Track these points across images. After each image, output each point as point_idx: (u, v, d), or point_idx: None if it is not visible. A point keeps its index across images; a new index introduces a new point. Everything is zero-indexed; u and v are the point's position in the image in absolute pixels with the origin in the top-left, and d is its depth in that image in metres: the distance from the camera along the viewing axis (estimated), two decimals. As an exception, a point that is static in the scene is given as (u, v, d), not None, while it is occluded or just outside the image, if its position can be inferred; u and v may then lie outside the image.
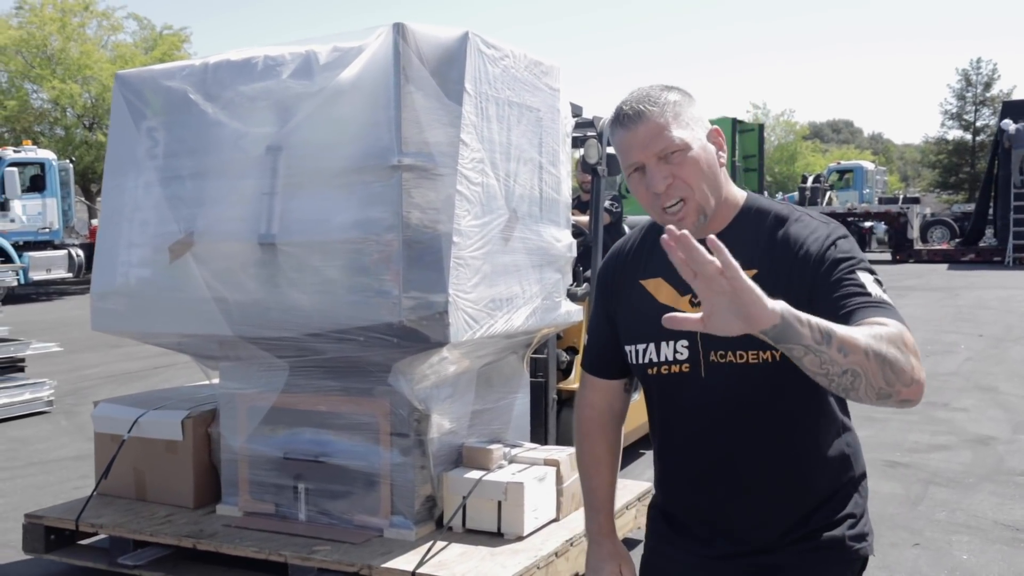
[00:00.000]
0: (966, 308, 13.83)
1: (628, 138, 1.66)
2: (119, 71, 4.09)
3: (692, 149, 1.64)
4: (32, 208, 17.19)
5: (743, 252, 1.62)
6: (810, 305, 1.55)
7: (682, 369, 1.72)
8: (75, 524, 3.90)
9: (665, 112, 1.64)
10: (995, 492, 5.26)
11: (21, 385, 7.57)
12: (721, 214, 1.72)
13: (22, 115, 28.75)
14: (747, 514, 1.74)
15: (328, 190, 3.52)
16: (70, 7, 29.24)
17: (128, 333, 4.10)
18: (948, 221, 26.97)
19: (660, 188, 1.64)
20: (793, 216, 1.70)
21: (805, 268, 1.62)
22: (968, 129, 44.69)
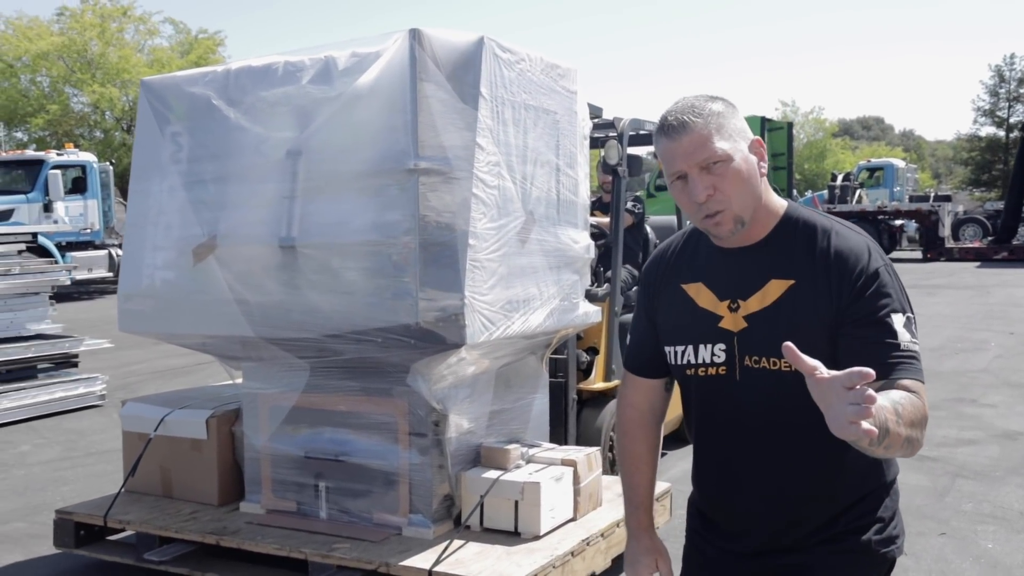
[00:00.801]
0: (997, 306, 13.67)
1: (672, 148, 1.69)
2: (144, 77, 4.15)
3: (734, 160, 1.68)
4: (74, 209, 17.44)
5: (782, 262, 1.73)
6: (838, 323, 1.66)
7: (719, 372, 1.77)
8: (103, 520, 3.96)
9: (709, 123, 1.67)
10: (1021, 485, 5.28)
11: (75, 379, 7.83)
12: (762, 222, 1.75)
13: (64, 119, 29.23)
14: (776, 514, 1.77)
15: (346, 193, 3.55)
16: (109, 13, 29.68)
17: (153, 334, 4.16)
18: (980, 219, 26.55)
19: (701, 198, 1.68)
20: (834, 229, 1.73)
21: (841, 288, 1.66)
22: (1001, 126, 43.93)
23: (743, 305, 1.74)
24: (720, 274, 1.79)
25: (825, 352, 1.62)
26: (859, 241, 1.72)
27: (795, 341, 1.60)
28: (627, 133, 5.39)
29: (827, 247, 1.70)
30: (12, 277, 7.53)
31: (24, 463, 6.18)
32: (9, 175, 17.62)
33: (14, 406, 7.29)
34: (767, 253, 1.75)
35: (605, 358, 5.17)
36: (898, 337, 1.62)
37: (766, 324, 1.71)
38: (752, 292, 1.74)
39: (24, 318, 7.67)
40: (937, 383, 8.09)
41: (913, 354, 1.62)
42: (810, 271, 1.70)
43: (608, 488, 4.18)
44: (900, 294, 1.68)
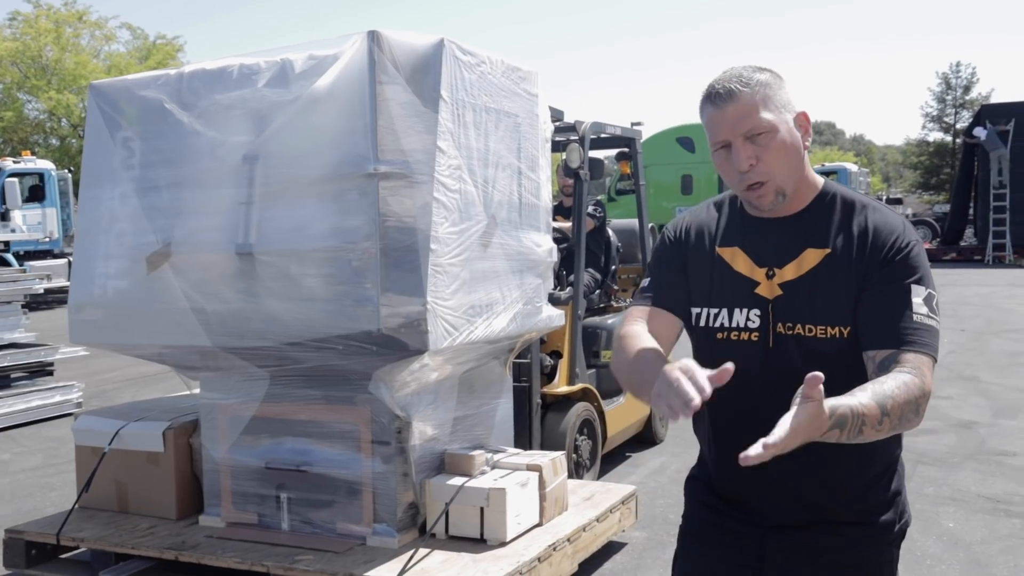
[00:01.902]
0: (948, 304, 13.93)
1: (717, 116, 1.67)
2: (93, 81, 4.01)
3: (779, 132, 1.66)
4: (32, 218, 17.10)
5: (819, 232, 1.73)
6: (859, 291, 1.66)
7: (751, 337, 1.74)
8: (56, 538, 3.80)
9: (756, 93, 1.65)
10: (977, 470, 5.57)
11: (52, 388, 7.74)
12: (801, 194, 1.74)
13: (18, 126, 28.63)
14: (808, 484, 1.74)
15: (305, 199, 3.45)
16: (64, 18, 29.15)
17: (107, 345, 4.01)
18: (930, 221, 26.99)
19: (744, 167, 1.66)
20: (871, 205, 1.74)
21: (872, 258, 1.66)
22: (948, 131, 44.71)
23: (779, 273, 1.73)
24: (757, 241, 1.77)
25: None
26: (896, 218, 1.72)
27: (832, 308, 1.67)
28: (589, 136, 5.34)
29: (864, 221, 1.71)
30: None
31: (7, 471, 6.11)
32: (-36, 184, 17.21)
33: None
34: (804, 224, 1.74)
35: (569, 362, 5.11)
36: (913, 308, 1.62)
37: (801, 292, 1.70)
38: (788, 260, 1.73)
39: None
40: None
41: (926, 327, 1.61)
42: (846, 242, 1.70)
43: (573, 492, 4.12)
44: (926, 271, 1.67)
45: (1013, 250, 21.31)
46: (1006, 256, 21.30)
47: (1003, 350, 9.84)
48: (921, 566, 4.10)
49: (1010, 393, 7.73)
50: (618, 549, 4.27)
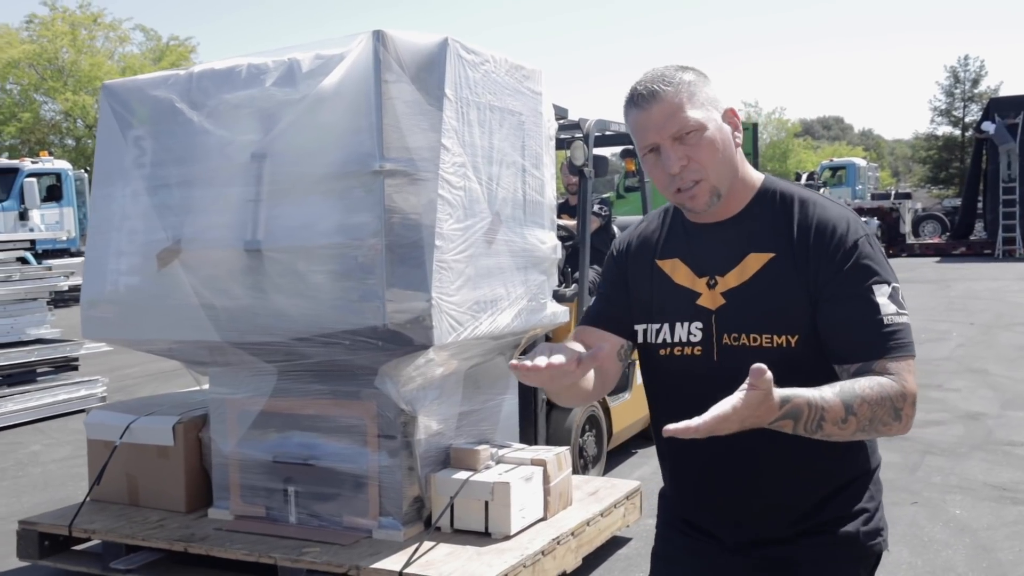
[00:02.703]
0: (958, 299, 13.91)
1: (642, 119, 1.60)
2: (106, 81, 4.04)
3: (708, 129, 1.59)
4: (50, 217, 17.24)
5: (760, 235, 1.64)
6: (817, 299, 1.57)
7: (694, 352, 1.66)
8: (68, 530, 3.84)
9: (680, 92, 1.58)
10: (984, 459, 5.61)
11: (77, 382, 7.87)
12: (738, 195, 1.66)
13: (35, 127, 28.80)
14: (758, 502, 1.67)
15: (312, 196, 3.47)
16: (79, 20, 29.29)
17: (118, 340, 4.05)
18: (939, 215, 26.84)
19: (675, 169, 1.58)
20: (812, 200, 1.64)
21: (821, 261, 1.57)
22: (957, 125, 44.45)
23: (721, 281, 1.64)
24: (697, 250, 1.69)
25: (808, 325, 1.57)
26: (839, 212, 1.62)
27: (777, 316, 1.59)
28: (593, 134, 5.34)
29: (806, 219, 1.61)
30: (12, 283, 7.62)
31: (39, 462, 6.25)
32: (-17, 184, 17.35)
33: (19, 408, 7.32)
34: (745, 226, 1.65)
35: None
36: (881, 311, 1.53)
37: (745, 299, 1.61)
38: (730, 267, 1.64)
39: (24, 323, 7.78)
40: None
41: (898, 327, 1.53)
42: (789, 243, 1.60)
43: (578, 488, 4.14)
44: (883, 265, 1.59)
45: (1022, 244, 21.17)
46: (1016, 250, 21.15)
47: (1012, 343, 9.80)
48: (928, 551, 4.17)
49: (1018, 385, 7.72)
50: (622, 544, 4.28)
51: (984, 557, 4.11)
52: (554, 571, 3.60)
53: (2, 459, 6.33)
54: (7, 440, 6.86)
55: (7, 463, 6.22)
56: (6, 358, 7.45)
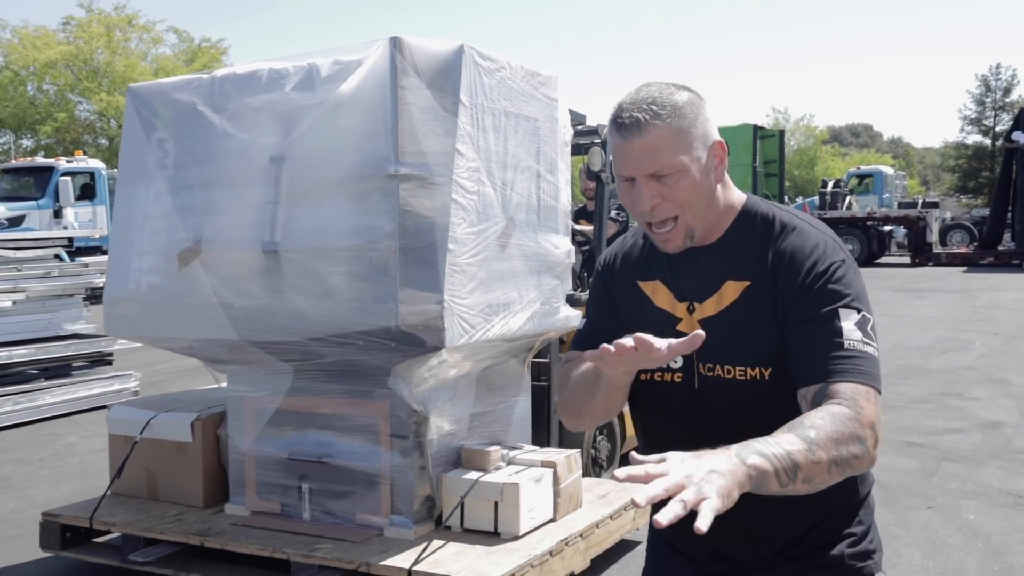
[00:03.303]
0: (983, 308, 13.76)
1: (623, 148, 1.50)
2: (130, 84, 4.12)
3: (689, 172, 1.49)
4: (83, 215, 17.50)
5: (738, 262, 1.57)
6: (784, 323, 1.50)
7: (675, 378, 1.60)
8: (89, 522, 3.92)
9: (668, 127, 1.47)
10: (1001, 467, 5.63)
11: (112, 376, 8.07)
12: (718, 221, 1.58)
13: (70, 127, 29.23)
14: (739, 532, 1.59)
15: (329, 199, 3.52)
16: (114, 22, 29.70)
17: (140, 338, 4.13)
18: (967, 225, 26.54)
19: (646, 208, 1.51)
20: (792, 225, 1.56)
21: (791, 286, 1.50)
22: (987, 134, 43.95)
23: (699, 308, 1.58)
24: (678, 273, 1.62)
25: (780, 357, 1.51)
26: (816, 237, 1.54)
27: (752, 348, 1.52)
28: (611, 140, 5.35)
29: (783, 244, 1.54)
30: (50, 279, 7.80)
31: (76, 452, 6.41)
32: (19, 182, 17.66)
33: (56, 401, 7.49)
34: (725, 252, 1.58)
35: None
36: (843, 335, 1.44)
37: (720, 329, 1.54)
38: (708, 295, 1.58)
39: (60, 318, 7.96)
40: (925, 379, 8.41)
41: (859, 354, 1.43)
42: (764, 270, 1.54)
43: (588, 490, 4.15)
44: (857, 292, 1.50)
45: (1051, 255, 20.91)
46: (1043, 261, 20.90)
47: (1035, 354, 9.72)
48: (940, 554, 4.22)
49: None
50: (632, 547, 4.29)
51: (996, 561, 4.15)
52: (562, 572, 3.62)
53: (41, 449, 6.52)
54: (45, 431, 7.06)
55: (46, 453, 6.42)
56: (44, 352, 7.65)
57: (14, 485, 5.67)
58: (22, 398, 7.28)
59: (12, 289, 7.47)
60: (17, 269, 7.64)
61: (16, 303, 7.46)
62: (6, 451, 6.49)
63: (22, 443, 6.71)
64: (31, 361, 7.57)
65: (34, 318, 7.68)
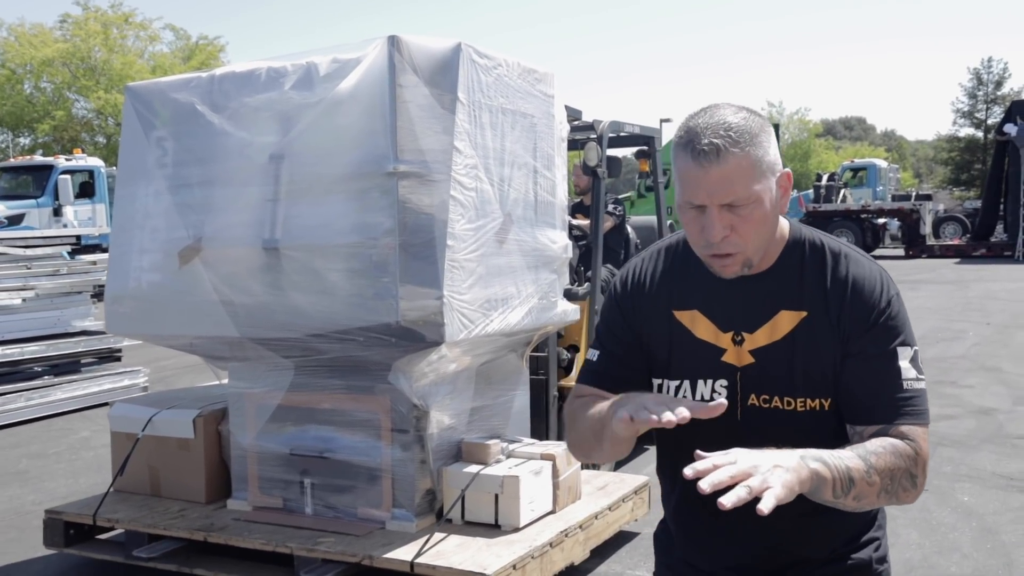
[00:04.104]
0: (976, 299, 13.82)
1: (697, 175, 1.42)
2: (129, 84, 4.12)
3: (763, 204, 1.44)
4: (83, 213, 17.44)
5: (791, 291, 1.53)
6: (844, 354, 1.50)
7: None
8: (92, 519, 3.93)
9: (747, 156, 1.41)
10: (994, 451, 5.76)
11: (121, 372, 8.15)
12: (768, 252, 1.54)
13: (69, 124, 29.14)
14: (768, 551, 1.59)
15: (328, 196, 3.53)
16: (111, 20, 29.59)
17: (141, 335, 4.13)
18: (960, 217, 26.59)
19: (717, 238, 1.45)
20: (843, 254, 1.54)
21: (854, 319, 1.50)
22: (980, 127, 44.00)
23: (748, 338, 1.53)
24: (719, 302, 1.56)
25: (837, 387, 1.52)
26: (874, 270, 1.54)
27: (812, 378, 1.51)
28: (607, 135, 5.37)
29: (842, 276, 1.52)
30: (59, 277, 7.86)
31: (89, 446, 6.47)
32: (18, 180, 17.61)
33: (67, 397, 7.55)
34: (775, 281, 1.54)
35: (585, 355, 5.15)
36: (902, 375, 1.48)
37: (777, 359, 1.51)
38: (759, 324, 1.53)
39: (69, 315, 7.99)
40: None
41: (916, 394, 1.48)
42: (823, 301, 1.51)
43: (587, 482, 4.17)
44: (907, 326, 1.52)
45: (1043, 246, 20.95)
46: (1035, 252, 20.94)
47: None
48: (936, 533, 4.36)
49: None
50: (630, 538, 4.31)
51: (989, 539, 4.29)
52: (562, 563, 3.64)
53: (55, 444, 6.60)
54: (58, 427, 7.14)
55: (61, 447, 6.49)
56: (55, 349, 7.71)
57: (33, 478, 5.73)
58: (34, 394, 7.36)
59: (22, 287, 7.52)
60: (27, 267, 7.69)
61: (26, 301, 7.51)
62: (21, 446, 6.57)
63: (36, 438, 6.78)
64: (42, 358, 7.64)
65: (43, 315, 7.73)
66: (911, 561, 4.02)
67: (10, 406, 7.12)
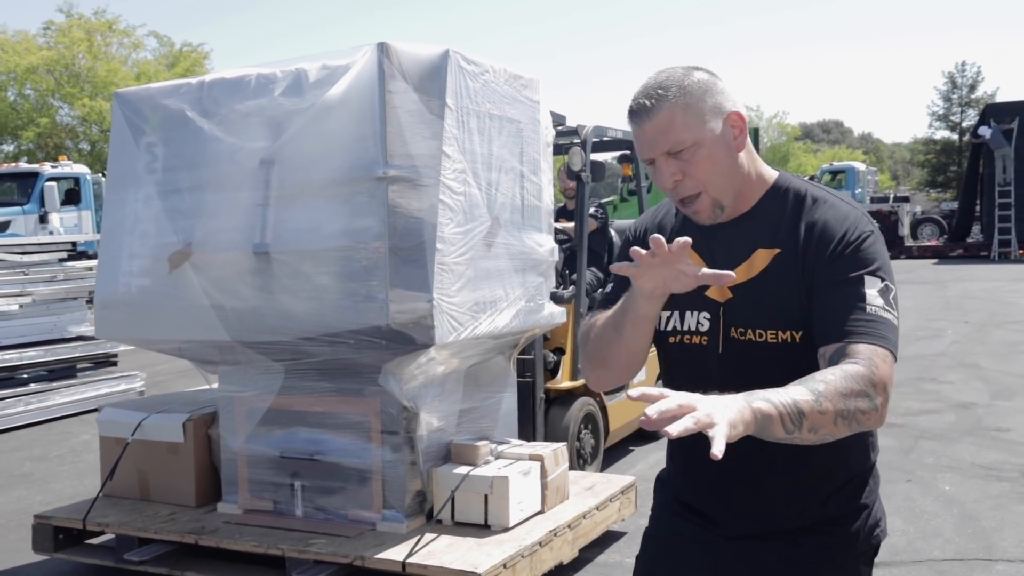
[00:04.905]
0: (954, 298, 13.96)
1: (638, 133, 1.58)
2: (118, 90, 4.11)
3: (703, 146, 1.54)
4: (69, 220, 17.30)
5: (768, 231, 1.62)
6: (811, 286, 1.55)
7: (700, 341, 1.65)
8: (82, 524, 3.91)
9: (675, 107, 1.53)
10: (974, 443, 5.92)
11: (118, 377, 8.17)
12: (748, 195, 1.63)
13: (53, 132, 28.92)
14: (762, 495, 1.65)
15: (318, 201, 3.53)
16: (95, 27, 29.39)
17: (131, 340, 4.12)
18: (937, 219, 26.81)
19: (669, 185, 1.57)
20: (823, 198, 1.61)
21: (822, 255, 1.55)
22: (955, 130, 44.36)
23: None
24: (709, 242, 1.65)
25: (810, 320, 1.56)
26: (850, 210, 1.59)
27: (783, 311, 1.58)
28: (590, 140, 5.39)
29: (816, 216, 1.58)
30: (56, 283, 7.91)
31: (90, 449, 6.42)
32: (3, 187, 17.46)
33: (65, 401, 7.58)
34: (755, 223, 1.63)
35: (571, 358, 5.18)
36: (866, 299, 1.49)
37: (752, 294, 1.59)
38: (739, 262, 1.61)
39: (65, 321, 8.03)
40: (900, 365, 8.42)
41: (879, 319, 1.48)
42: (796, 240, 1.58)
43: (575, 483, 4.19)
44: (883, 263, 1.55)
45: (1018, 246, 21.15)
46: (1011, 252, 21.12)
47: (1004, 340, 9.96)
48: (919, 520, 4.52)
49: (1008, 378, 7.93)
50: (618, 537, 4.33)
51: (969, 525, 4.44)
52: (551, 562, 3.65)
53: (57, 447, 6.63)
54: (58, 430, 7.17)
55: (63, 450, 6.52)
56: (52, 354, 7.74)
57: (37, 480, 5.77)
58: (33, 399, 7.39)
59: (19, 293, 7.55)
60: (23, 273, 7.73)
61: (23, 307, 7.56)
62: (23, 449, 6.60)
63: (37, 442, 6.81)
64: (40, 363, 7.70)
65: (40, 321, 7.77)
66: (896, 546, 4.14)
67: (9, 411, 7.17)
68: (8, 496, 5.43)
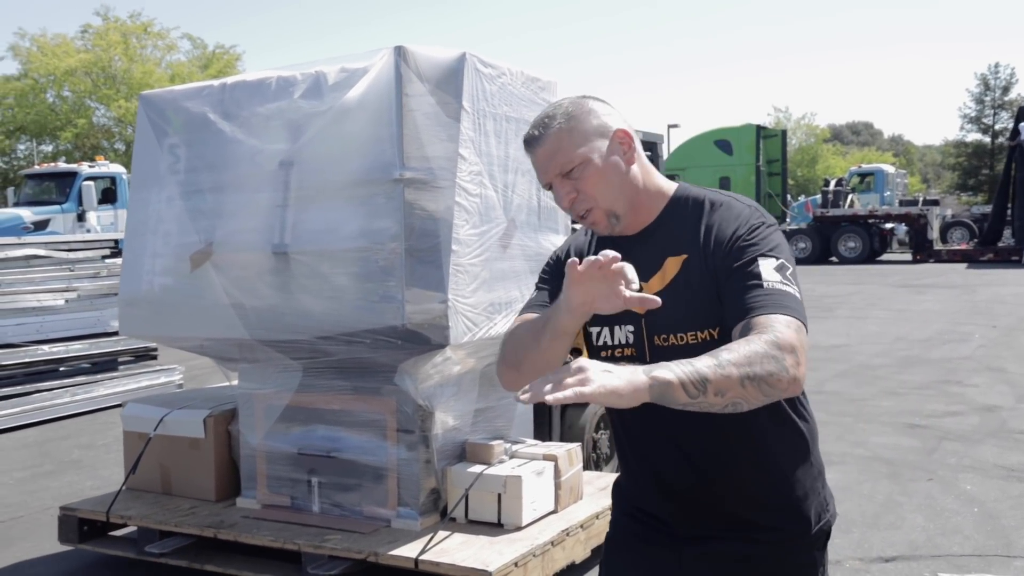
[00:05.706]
0: (982, 303, 13.76)
1: (533, 161, 1.69)
2: (142, 92, 4.17)
3: (591, 163, 1.64)
4: (105, 219, 17.58)
5: (674, 240, 1.69)
6: (717, 283, 1.62)
7: (627, 353, 1.70)
8: (106, 516, 3.97)
9: (560, 131, 1.64)
10: (997, 445, 5.92)
11: (158, 370, 8.41)
12: (648, 207, 1.71)
13: (90, 132, 29.38)
14: (706, 494, 1.70)
15: (336, 202, 3.57)
16: (131, 30, 29.81)
17: (154, 337, 4.19)
18: (967, 222, 26.46)
19: (564, 204, 1.67)
20: (719, 201, 1.70)
21: (720, 252, 1.63)
22: (987, 132, 43.78)
23: (645, 287, 1.67)
24: (623, 257, 1.65)
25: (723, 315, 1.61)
26: (744, 207, 1.68)
27: (698, 312, 1.64)
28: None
29: (714, 218, 1.67)
30: (100, 279, 8.22)
31: None
32: (42, 186, 17.78)
33: (108, 393, 7.82)
34: (661, 234, 1.71)
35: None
36: (762, 277, 1.55)
37: (669, 301, 1.61)
38: (652, 273, 1.68)
39: (108, 316, 8.35)
40: (926, 368, 8.61)
41: (777, 292, 1.54)
42: (698, 243, 1.66)
43: (589, 483, 4.19)
44: (776, 245, 1.61)
45: (1050, 251, 20.84)
46: (1042, 257, 20.82)
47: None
48: (940, 517, 4.59)
49: None
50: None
51: (989, 523, 4.49)
52: (563, 561, 3.66)
53: (103, 436, 6.85)
54: (102, 420, 7.40)
55: (108, 439, 6.69)
56: (96, 347, 7.97)
57: (87, 467, 5.98)
58: (78, 390, 7.61)
59: (66, 288, 7.74)
60: (69, 270, 7.90)
61: (68, 302, 7.77)
62: (71, 438, 6.82)
63: (84, 431, 7.04)
64: (84, 356, 7.93)
65: (84, 315, 8.09)
66: (916, 542, 4.20)
67: (57, 401, 7.42)
68: (60, 481, 5.63)
